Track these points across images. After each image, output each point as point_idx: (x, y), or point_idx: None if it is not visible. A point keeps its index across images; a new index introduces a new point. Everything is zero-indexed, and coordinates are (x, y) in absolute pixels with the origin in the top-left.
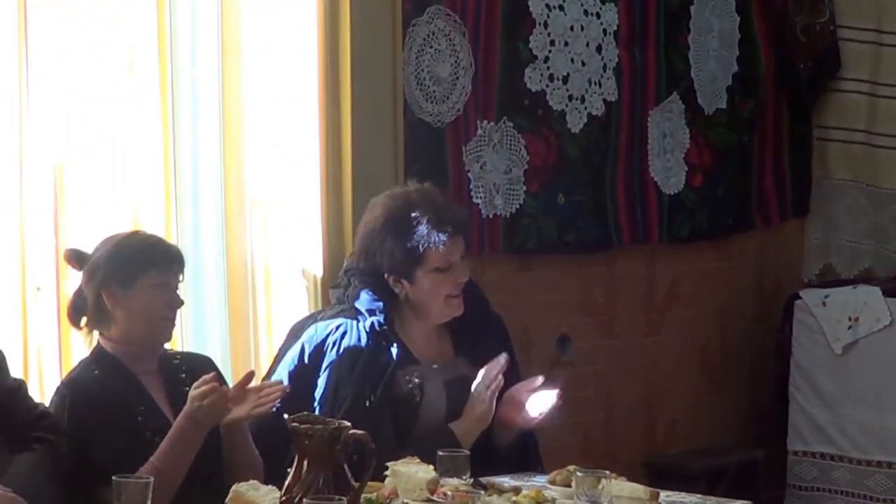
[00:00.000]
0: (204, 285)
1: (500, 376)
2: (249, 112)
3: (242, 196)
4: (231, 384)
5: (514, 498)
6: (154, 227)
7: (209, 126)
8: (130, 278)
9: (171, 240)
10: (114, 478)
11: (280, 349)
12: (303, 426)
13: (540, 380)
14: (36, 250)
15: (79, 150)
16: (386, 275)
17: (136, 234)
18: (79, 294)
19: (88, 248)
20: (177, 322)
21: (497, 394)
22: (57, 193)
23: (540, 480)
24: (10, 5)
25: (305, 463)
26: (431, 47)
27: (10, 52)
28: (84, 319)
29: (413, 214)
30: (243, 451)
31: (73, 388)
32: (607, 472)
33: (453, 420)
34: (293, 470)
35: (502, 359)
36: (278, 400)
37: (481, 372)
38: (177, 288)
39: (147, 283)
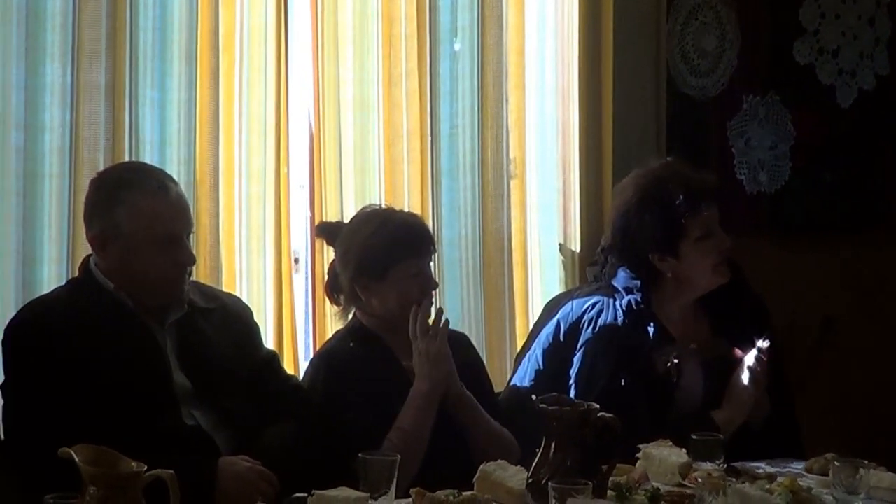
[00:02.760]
0: (459, 260)
1: (759, 362)
2: (508, 86)
3: (500, 170)
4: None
5: (767, 486)
6: (409, 201)
7: (467, 100)
8: (382, 272)
9: (427, 214)
10: (360, 455)
11: (535, 326)
12: (551, 407)
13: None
14: (294, 222)
15: (335, 122)
16: (650, 255)
17: (388, 219)
18: (334, 272)
19: (345, 218)
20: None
21: (760, 382)
22: (314, 165)
23: (797, 467)
24: None
25: (553, 444)
26: (697, 19)
27: (271, 25)
28: (341, 297)
29: (666, 188)
30: (478, 422)
31: (328, 360)
32: (865, 461)
33: (709, 402)
34: (540, 451)
35: (764, 344)
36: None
37: (746, 360)
38: (429, 269)
39: (399, 276)
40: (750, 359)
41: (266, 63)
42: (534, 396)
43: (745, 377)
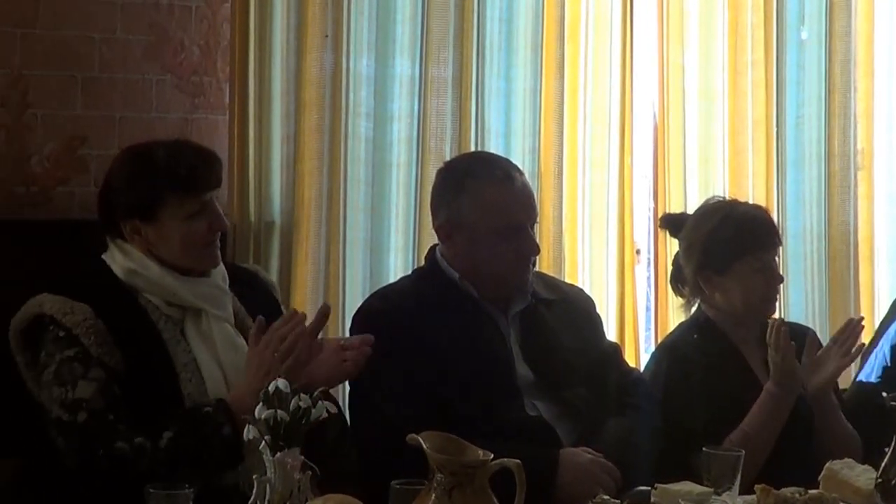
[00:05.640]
0: (804, 253)
1: None
2: (856, 74)
3: (847, 161)
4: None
5: None
6: (754, 192)
7: (814, 89)
8: (725, 266)
9: (771, 206)
10: (703, 448)
11: (882, 321)
12: None
13: None
14: (637, 213)
15: (679, 112)
16: None
17: (732, 212)
18: (678, 264)
19: (688, 209)
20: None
21: None
22: (657, 155)
23: None
24: None
25: None
26: None
27: (616, 14)
28: (685, 289)
29: None
30: (831, 422)
31: (671, 352)
32: None
33: None
34: (890, 450)
35: None
36: None
37: None
38: (774, 263)
39: (743, 270)
40: None
41: (611, 52)
42: (884, 394)
43: None
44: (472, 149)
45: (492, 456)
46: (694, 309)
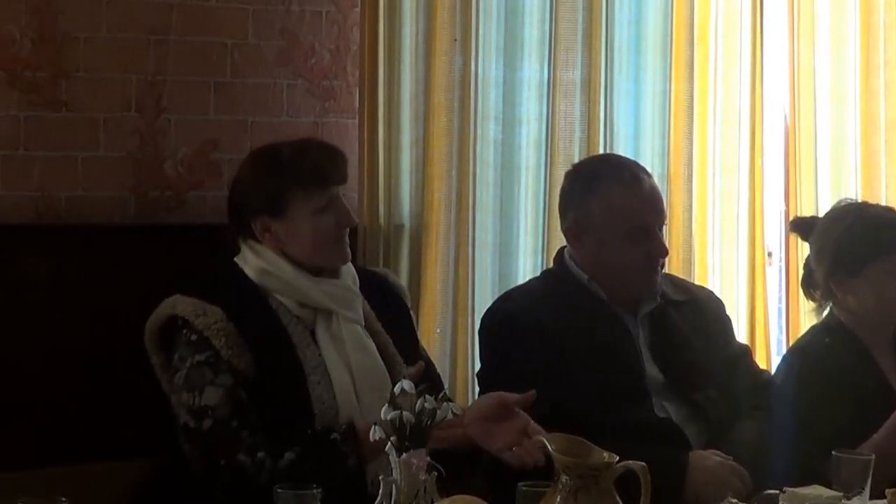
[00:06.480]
0: None
1: None
2: None
3: None
4: None
5: None
6: (887, 194)
7: None
8: (857, 269)
9: None
10: (833, 452)
11: None
12: None
13: None
14: (768, 216)
15: (810, 114)
16: None
17: (862, 214)
18: (809, 268)
19: (820, 212)
20: None
21: None
22: (788, 157)
23: None
24: None
25: None
26: None
27: (746, 15)
28: (817, 293)
29: None
30: None
31: (802, 356)
32: None
33: None
34: None
35: None
36: None
37: None
38: None
39: (875, 272)
40: None
41: (741, 54)
42: None
43: None
44: (601, 151)
45: (617, 458)
46: (825, 313)
